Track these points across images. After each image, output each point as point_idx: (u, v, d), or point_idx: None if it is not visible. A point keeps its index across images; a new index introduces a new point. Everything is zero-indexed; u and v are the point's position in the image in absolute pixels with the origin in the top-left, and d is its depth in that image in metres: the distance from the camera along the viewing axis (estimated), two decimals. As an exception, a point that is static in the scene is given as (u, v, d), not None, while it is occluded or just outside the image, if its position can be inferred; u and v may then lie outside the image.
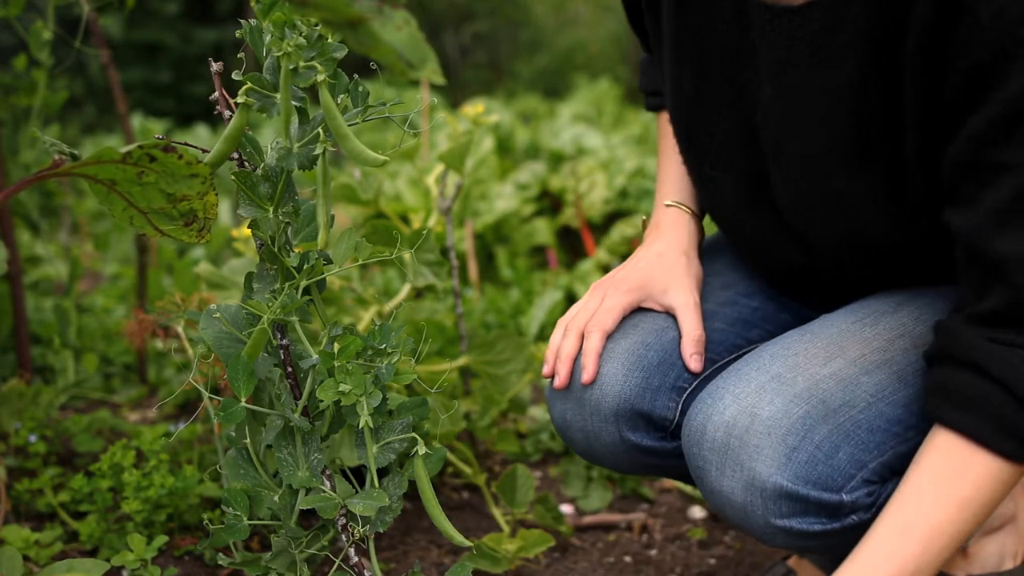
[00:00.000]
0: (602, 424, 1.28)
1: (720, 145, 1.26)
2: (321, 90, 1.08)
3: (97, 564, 1.28)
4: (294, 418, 1.20)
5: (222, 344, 1.20)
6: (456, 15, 11.22)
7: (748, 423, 1.12)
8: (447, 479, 1.90)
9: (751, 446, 1.11)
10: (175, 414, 2.17)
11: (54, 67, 2.09)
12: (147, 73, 9.66)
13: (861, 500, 1.11)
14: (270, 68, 1.13)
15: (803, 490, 1.09)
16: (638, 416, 1.27)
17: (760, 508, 1.10)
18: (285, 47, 1.06)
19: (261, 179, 1.14)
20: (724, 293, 1.39)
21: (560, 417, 1.32)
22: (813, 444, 1.09)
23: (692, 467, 1.18)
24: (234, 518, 1.23)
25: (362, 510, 1.18)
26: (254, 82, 1.12)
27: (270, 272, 1.19)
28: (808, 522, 1.10)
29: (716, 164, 1.28)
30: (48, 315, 2.61)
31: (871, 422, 1.12)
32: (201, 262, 2.08)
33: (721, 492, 1.14)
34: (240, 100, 1.11)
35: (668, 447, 1.30)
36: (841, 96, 1.11)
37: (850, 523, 1.11)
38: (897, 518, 1.05)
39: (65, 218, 3.78)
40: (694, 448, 1.17)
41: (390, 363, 1.19)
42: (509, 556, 1.49)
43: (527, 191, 3.45)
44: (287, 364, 1.22)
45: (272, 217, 1.15)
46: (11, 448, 1.80)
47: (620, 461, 1.32)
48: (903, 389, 1.14)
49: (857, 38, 1.08)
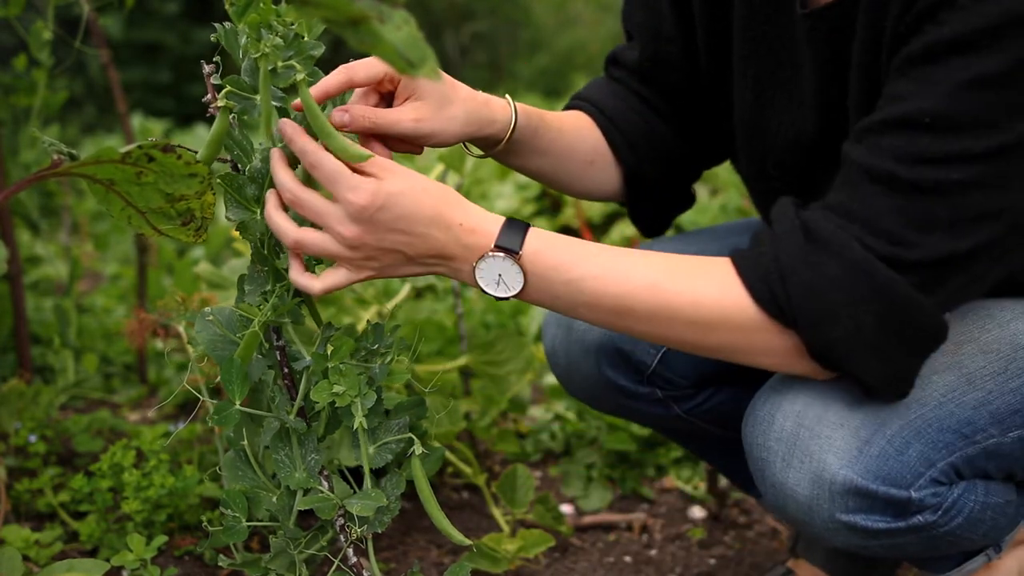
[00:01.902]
0: (583, 355, 1.38)
1: (780, 147, 1.27)
2: (301, 88, 1.08)
3: (97, 564, 1.28)
4: (289, 420, 1.20)
5: (216, 347, 1.20)
6: (456, 15, 11.22)
7: (821, 413, 1.10)
8: (447, 479, 1.90)
9: (823, 437, 1.09)
10: (175, 414, 2.17)
11: (54, 67, 2.09)
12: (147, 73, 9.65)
13: (928, 500, 1.09)
14: (248, 70, 1.13)
15: (872, 485, 1.07)
16: (618, 354, 1.35)
17: (827, 502, 1.08)
18: (262, 48, 1.06)
19: (248, 181, 1.14)
20: None
21: (550, 342, 1.44)
22: (885, 438, 1.08)
23: (753, 459, 1.16)
24: (233, 519, 1.23)
25: (360, 510, 1.18)
26: (234, 85, 1.12)
27: (261, 274, 1.19)
28: (873, 519, 1.09)
29: (778, 165, 1.29)
30: (48, 315, 2.61)
31: (941, 421, 1.10)
32: (201, 262, 2.08)
33: (785, 485, 1.12)
34: (221, 104, 1.11)
35: (641, 391, 1.39)
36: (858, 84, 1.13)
37: (915, 523, 1.10)
38: (629, 253, 1.10)
39: (65, 218, 3.78)
40: (759, 439, 1.15)
41: (384, 363, 1.19)
42: (509, 556, 1.49)
43: (527, 191, 3.45)
44: (283, 365, 1.21)
45: (260, 219, 1.15)
46: (11, 448, 1.80)
47: (594, 394, 1.42)
48: (972, 392, 1.12)
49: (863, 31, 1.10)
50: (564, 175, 1.38)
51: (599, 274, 1.07)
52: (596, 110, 1.39)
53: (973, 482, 1.13)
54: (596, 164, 1.38)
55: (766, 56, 1.25)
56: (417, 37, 0.76)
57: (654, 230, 1.48)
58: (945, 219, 1.00)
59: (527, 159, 1.31)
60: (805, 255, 1.02)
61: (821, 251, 1.01)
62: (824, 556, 1.46)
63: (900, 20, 1.03)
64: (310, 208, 1.07)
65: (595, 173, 1.39)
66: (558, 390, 2.19)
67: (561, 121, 1.34)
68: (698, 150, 1.45)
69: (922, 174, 0.99)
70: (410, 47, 0.75)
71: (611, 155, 1.39)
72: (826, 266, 1.00)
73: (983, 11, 0.97)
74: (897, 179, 1.00)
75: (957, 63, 0.98)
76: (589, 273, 1.07)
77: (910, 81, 1.01)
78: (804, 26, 1.18)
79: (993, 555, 1.26)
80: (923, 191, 0.99)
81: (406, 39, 0.75)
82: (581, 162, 1.37)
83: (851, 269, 1.00)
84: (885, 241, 1.00)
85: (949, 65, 0.98)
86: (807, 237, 1.02)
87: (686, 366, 1.38)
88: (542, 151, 1.31)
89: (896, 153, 1.00)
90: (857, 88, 1.13)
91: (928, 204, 1.00)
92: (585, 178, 1.39)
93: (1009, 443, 1.13)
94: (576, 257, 1.08)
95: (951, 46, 0.98)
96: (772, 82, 1.25)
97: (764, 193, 1.34)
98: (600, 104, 1.39)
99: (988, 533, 1.18)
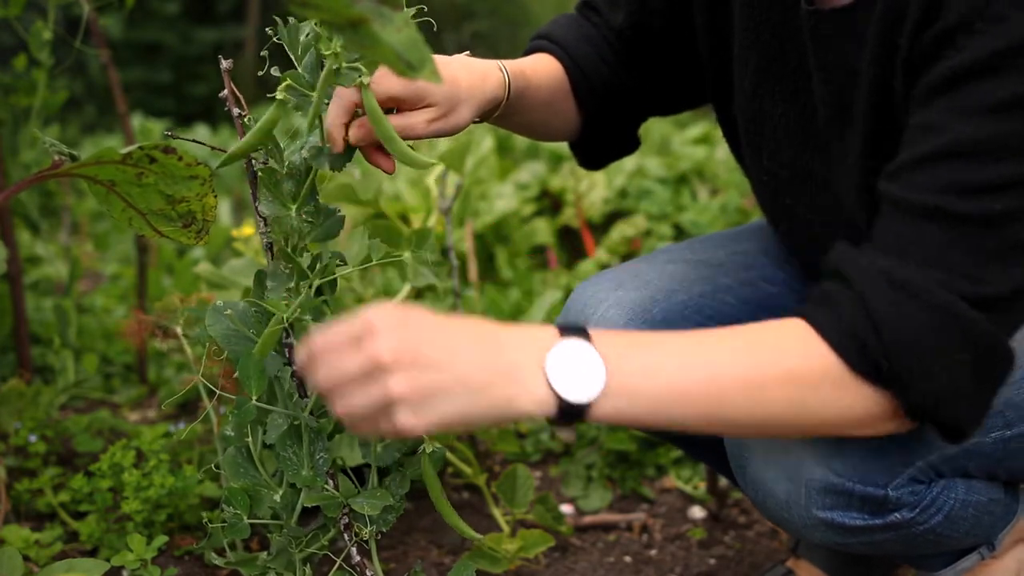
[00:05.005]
0: None
1: (779, 140, 1.27)
2: (365, 93, 1.08)
3: (97, 564, 1.28)
4: (304, 416, 1.20)
5: (230, 341, 1.20)
6: (456, 15, 11.22)
7: None
8: (447, 479, 1.90)
9: None
10: (175, 414, 2.17)
11: (54, 67, 2.09)
12: (147, 73, 9.65)
13: (905, 497, 1.10)
14: (308, 66, 1.13)
15: (848, 483, 1.08)
16: None
17: (804, 499, 1.09)
18: (333, 47, 1.06)
19: (285, 177, 1.15)
20: (746, 273, 1.41)
21: None
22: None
23: (733, 456, 1.18)
24: (234, 517, 1.24)
25: (367, 509, 1.18)
26: (294, 79, 1.11)
27: (285, 271, 1.19)
28: (850, 516, 1.09)
29: (774, 157, 1.28)
30: (48, 315, 2.60)
31: None
32: (201, 262, 2.08)
33: (764, 482, 1.13)
34: (279, 96, 1.11)
35: None
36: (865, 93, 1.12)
37: (892, 521, 1.10)
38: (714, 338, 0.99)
39: (65, 218, 3.77)
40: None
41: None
42: (509, 556, 1.49)
43: (527, 191, 3.45)
44: (293, 362, 1.22)
45: (293, 215, 1.15)
46: (11, 448, 1.80)
47: None
48: None
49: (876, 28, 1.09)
50: (534, 126, 1.38)
51: (681, 361, 0.97)
52: (568, 58, 1.36)
53: (953, 480, 1.14)
54: (560, 113, 1.38)
55: (768, 46, 1.24)
56: (418, 39, 0.76)
57: (596, 165, 1.47)
58: (1008, 249, 0.97)
59: (508, 120, 1.29)
60: (896, 307, 0.96)
61: (911, 300, 0.96)
62: (824, 556, 1.46)
63: (914, 40, 1.02)
64: None
65: (558, 120, 1.38)
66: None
67: (539, 76, 1.32)
68: (660, 105, 1.45)
69: (973, 205, 0.96)
70: (410, 49, 0.76)
71: (573, 101, 1.38)
72: (916, 316, 0.95)
73: (1001, 32, 0.95)
74: (949, 213, 0.96)
75: (983, 88, 0.96)
76: (670, 361, 0.96)
77: (938, 111, 0.98)
78: (808, 23, 1.18)
79: (987, 553, 1.26)
80: (977, 223, 0.96)
81: (406, 41, 0.76)
82: (549, 112, 1.36)
83: (940, 315, 0.95)
84: (961, 279, 0.96)
85: (975, 90, 0.96)
86: (891, 285, 0.96)
87: None
88: (523, 110, 1.29)
89: (941, 186, 0.97)
90: (864, 97, 1.12)
91: (986, 235, 0.97)
92: (548, 124, 1.38)
93: (989, 443, 1.14)
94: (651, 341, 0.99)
95: (974, 71, 0.96)
96: (772, 74, 1.25)
97: (765, 183, 1.34)
98: (572, 52, 1.36)
99: (972, 531, 1.18)
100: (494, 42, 11.63)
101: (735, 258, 1.43)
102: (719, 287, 1.36)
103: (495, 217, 3.24)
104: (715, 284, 1.38)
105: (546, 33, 1.39)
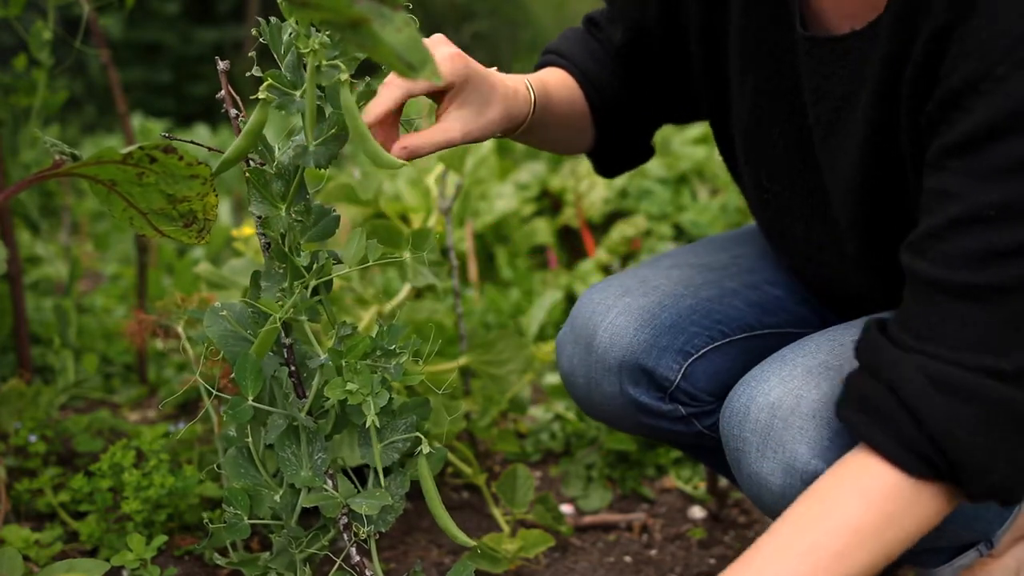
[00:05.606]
0: (605, 373, 1.34)
1: (778, 158, 1.28)
2: (343, 89, 1.08)
3: (97, 564, 1.28)
4: (300, 417, 1.20)
5: (227, 342, 1.20)
6: (456, 15, 11.22)
7: (794, 404, 1.12)
8: (447, 479, 1.90)
9: (795, 427, 1.11)
10: (175, 414, 2.17)
11: (54, 67, 2.09)
12: (147, 73, 9.64)
13: None
14: (290, 65, 1.13)
15: None
16: (641, 371, 1.31)
17: (798, 491, 1.09)
18: (312, 44, 1.06)
19: (274, 177, 1.15)
20: (750, 276, 1.42)
21: (568, 362, 1.39)
22: None
23: (730, 450, 1.18)
24: (235, 517, 1.24)
25: (366, 509, 1.18)
26: (275, 79, 1.11)
27: (279, 271, 1.19)
28: None
29: (773, 176, 1.30)
30: (48, 315, 2.61)
31: None
32: (201, 262, 2.08)
33: (759, 475, 1.14)
34: (262, 96, 1.11)
35: (664, 408, 1.34)
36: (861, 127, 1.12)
37: None
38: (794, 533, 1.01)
39: (65, 218, 3.78)
40: (734, 430, 1.17)
41: (398, 363, 1.19)
42: (509, 556, 1.49)
43: (527, 191, 3.45)
44: (291, 363, 1.22)
45: (284, 215, 1.15)
46: (11, 448, 1.80)
47: (615, 414, 1.37)
48: None
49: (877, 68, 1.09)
50: (553, 142, 1.40)
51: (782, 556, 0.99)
52: (580, 74, 1.38)
53: None
54: (577, 126, 1.40)
55: (764, 67, 1.25)
56: (418, 39, 0.76)
57: (612, 173, 1.51)
58: None
59: (528, 136, 1.31)
60: (943, 409, 0.97)
61: (963, 404, 0.96)
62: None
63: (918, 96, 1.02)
64: None
65: (575, 133, 1.41)
66: (558, 390, 2.19)
67: (559, 92, 1.34)
68: (668, 118, 1.48)
69: (1001, 273, 0.96)
70: (410, 50, 0.76)
71: (589, 117, 1.40)
72: (962, 411, 0.96)
73: (1008, 91, 0.94)
74: (977, 287, 0.96)
75: (998, 149, 0.95)
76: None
77: (955, 176, 0.98)
78: (802, 48, 1.18)
79: (984, 550, 1.27)
80: (1007, 290, 0.96)
81: (407, 41, 0.76)
82: (568, 126, 1.38)
83: (987, 408, 0.96)
84: (999, 358, 0.96)
85: (990, 153, 0.95)
86: (933, 384, 0.97)
87: (709, 380, 1.37)
88: (543, 125, 1.30)
89: (966, 256, 0.96)
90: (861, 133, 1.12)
91: (1014, 304, 0.96)
92: (566, 140, 1.41)
93: None
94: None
95: (986, 133, 0.95)
96: (770, 95, 1.25)
97: (765, 202, 1.35)
98: (584, 68, 1.39)
99: (971, 523, 1.19)
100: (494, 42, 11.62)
101: (738, 261, 1.44)
102: (725, 291, 1.37)
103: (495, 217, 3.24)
104: (721, 288, 1.39)
105: (556, 48, 1.42)
